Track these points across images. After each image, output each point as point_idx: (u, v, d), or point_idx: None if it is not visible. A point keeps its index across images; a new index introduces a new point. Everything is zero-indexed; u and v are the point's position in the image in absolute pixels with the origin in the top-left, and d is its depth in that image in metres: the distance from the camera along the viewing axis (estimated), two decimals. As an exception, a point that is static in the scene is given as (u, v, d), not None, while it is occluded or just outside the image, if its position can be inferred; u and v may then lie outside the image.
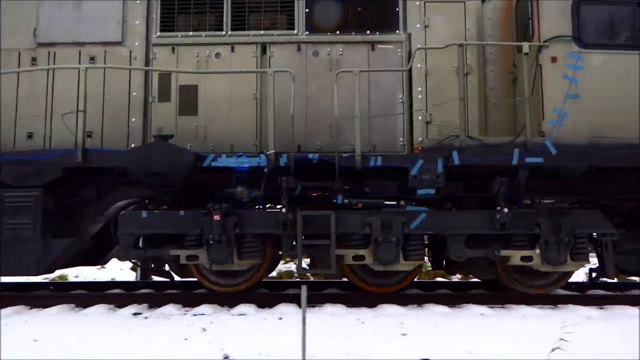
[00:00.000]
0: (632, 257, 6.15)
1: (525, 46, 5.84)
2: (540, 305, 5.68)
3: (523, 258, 5.88)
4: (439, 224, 5.97)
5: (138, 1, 6.45)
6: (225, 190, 6.02)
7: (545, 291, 6.29)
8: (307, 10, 6.43)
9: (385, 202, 6.11)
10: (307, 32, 6.40)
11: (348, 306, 5.71)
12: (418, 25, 6.38)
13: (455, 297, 6.49)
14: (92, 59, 6.37)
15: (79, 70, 6.09)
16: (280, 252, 6.45)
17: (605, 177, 6.08)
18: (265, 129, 6.11)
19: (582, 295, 6.44)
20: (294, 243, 5.85)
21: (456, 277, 8.89)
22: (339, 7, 6.43)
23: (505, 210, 5.74)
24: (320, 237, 5.84)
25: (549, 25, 5.95)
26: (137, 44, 6.43)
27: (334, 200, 5.99)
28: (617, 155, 5.74)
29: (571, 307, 5.67)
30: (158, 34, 6.41)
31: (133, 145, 6.14)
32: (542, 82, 5.92)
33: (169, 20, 6.43)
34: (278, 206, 6.03)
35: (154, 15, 6.43)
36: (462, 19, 6.38)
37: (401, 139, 6.17)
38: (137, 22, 6.44)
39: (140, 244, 6.10)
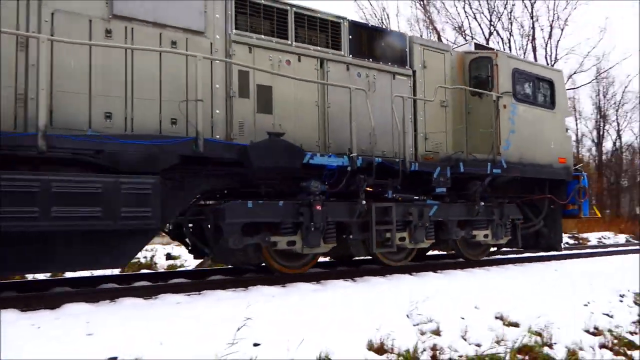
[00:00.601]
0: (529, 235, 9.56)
1: (494, 95, 8.46)
2: (232, 289, 5.98)
3: (484, 235, 8.51)
4: (443, 213, 8.03)
5: None
6: (301, 184, 6.69)
7: (485, 256, 9.18)
8: (350, 37, 7.57)
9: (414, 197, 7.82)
10: (350, 56, 7.56)
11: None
12: (419, 65, 8.31)
13: (151, 288, 5.92)
14: (174, 43, 6.09)
15: (160, 55, 5.84)
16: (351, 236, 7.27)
17: (518, 183, 9.30)
18: (323, 132, 7.19)
19: (268, 277, 6.66)
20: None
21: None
22: (370, 39, 7.82)
23: (482, 203, 8.37)
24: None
25: (502, 83, 8.70)
26: (217, 37, 6.43)
27: (385, 195, 7.42)
28: (530, 170, 8.99)
29: (260, 287, 5.98)
30: (235, 31, 6.55)
31: (218, 137, 6.25)
32: (500, 120, 8.50)
33: (243, 19, 6.61)
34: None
35: (230, 12, 6.51)
36: (442, 65, 8.61)
37: (411, 149, 7.85)
38: (217, 15, 6.44)
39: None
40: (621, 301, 6.82)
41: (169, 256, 11.24)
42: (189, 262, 10.48)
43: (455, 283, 6.65)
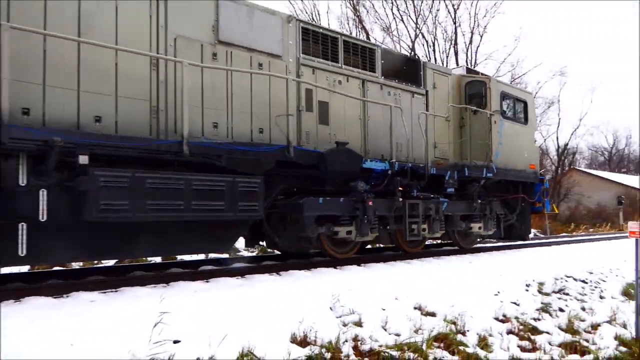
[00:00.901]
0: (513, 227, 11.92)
1: (488, 113, 10.31)
2: (153, 285, 5.68)
3: (479, 227, 10.45)
4: (451, 208, 9.77)
5: (290, 24, 7.64)
6: (350, 184, 8.02)
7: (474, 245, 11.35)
8: (382, 61, 9.00)
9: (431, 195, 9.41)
10: (382, 77, 8.96)
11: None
12: (431, 86, 9.82)
13: (62, 286, 5.53)
14: (260, 65, 7.19)
15: (251, 75, 7.01)
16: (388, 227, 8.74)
17: (499, 185, 11.26)
18: (364, 141, 8.54)
19: (192, 272, 6.65)
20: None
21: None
22: (395, 63, 9.49)
23: (479, 201, 10.35)
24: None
25: (494, 103, 10.51)
26: (290, 60, 7.62)
27: (412, 193, 8.98)
28: (512, 174, 11.10)
29: (182, 283, 5.78)
30: (302, 55, 7.75)
31: (291, 145, 7.27)
32: (491, 134, 10.34)
33: (307, 45, 7.82)
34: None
35: (298, 39, 7.69)
36: (446, 86, 10.26)
37: (418, 149, 9.36)
38: (290, 42, 7.60)
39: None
40: (527, 290, 7.36)
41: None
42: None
43: (378, 275, 6.85)
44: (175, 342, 3.90)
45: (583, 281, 8.57)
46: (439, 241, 12.52)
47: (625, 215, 31.77)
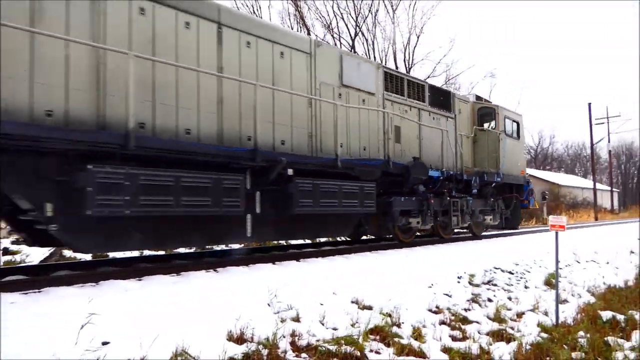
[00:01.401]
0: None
1: (497, 133, 13.73)
2: (80, 285, 5.38)
3: (490, 219, 13.77)
4: (474, 205, 12.96)
5: (379, 70, 10.43)
6: (413, 187, 10.81)
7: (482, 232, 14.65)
8: (429, 93, 11.84)
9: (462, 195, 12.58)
10: (429, 106, 11.82)
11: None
12: (457, 111, 12.93)
13: None
14: (363, 101, 9.85)
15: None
16: (438, 219, 11.77)
17: (500, 187, 14.43)
18: (420, 155, 11.33)
19: (123, 270, 6.32)
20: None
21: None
22: (435, 94, 12.15)
23: (492, 199, 13.88)
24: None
25: (500, 124, 13.83)
26: (379, 96, 10.30)
27: (452, 194, 12.01)
28: (511, 179, 14.38)
29: (112, 282, 5.52)
30: (384, 92, 10.46)
31: (390, 160, 10.17)
32: (499, 149, 13.67)
33: (387, 84, 10.56)
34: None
35: (382, 80, 10.40)
36: (466, 111, 13.47)
37: (451, 160, 12.43)
38: (379, 82, 10.32)
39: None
40: (459, 282, 7.67)
41: (5, 251, 9.91)
42: (33, 257, 9.38)
43: (317, 270, 6.88)
44: (104, 343, 3.73)
45: (510, 272, 9.05)
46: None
47: (548, 210, 33.90)
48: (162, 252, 8.94)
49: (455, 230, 13.50)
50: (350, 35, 27.05)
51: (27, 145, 5.19)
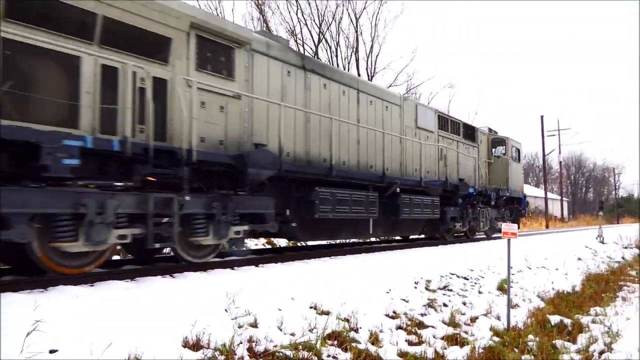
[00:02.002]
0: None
1: (507, 159, 17.80)
2: (28, 291, 5.00)
3: (500, 224, 13.60)
4: (492, 213, 16.97)
5: (435, 114, 13.98)
6: (455, 199, 14.44)
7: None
8: (462, 129, 15.47)
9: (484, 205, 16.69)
10: (463, 138, 15.42)
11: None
12: (479, 141, 16.70)
13: None
14: (427, 137, 13.28)
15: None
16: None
17: (507, 199, 18.44)
18: (458, 176, 14.78)
19: (75, 276, 5.76)
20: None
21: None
22: (466, 129, 15.73)
23: (503, 209, 18.10)
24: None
25: (508, 152, 17.96)
26: (435, 133, 13.80)
27: (480, 204, 16.20)
28: (515, 194, 18.63)
29: (62, 288, 5.13)
30: (438, 130, 13.97)
31: (447, 180, 14.10)
32: (508, 171, 17.81)
33: (439, 123, 14.06)
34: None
35: (437, 121, 13.97)
36: (484, 142, 17.47)
37: (475, 179, 15.97)
38: (435, 122, 13.86)
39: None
40: (416, 287, 7.82)
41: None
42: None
43: (276, 275, 6.85)
44: (52, 351, 3.59)
45: (465, 278, 9.29)
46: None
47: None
48: (116, 257, 8.68)
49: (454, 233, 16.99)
50: (313, 41, 27.20)
51: (282, 175, 8.29)
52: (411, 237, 15.32)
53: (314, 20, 26.97)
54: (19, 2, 5.20)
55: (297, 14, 26.66)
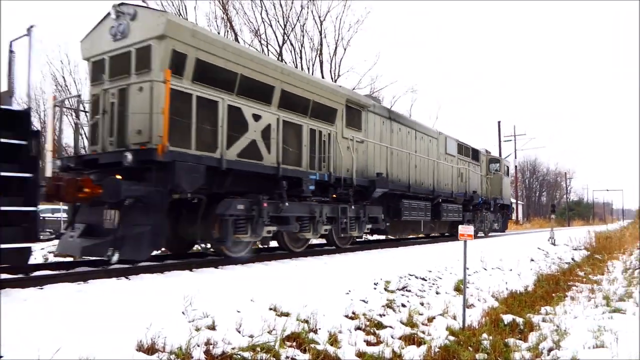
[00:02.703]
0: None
1: (501, 174, 22.97)
2: None
3: (496, 225, 23.35)
4: (491, 216, 22.39)
5: (456, 142, 18.65)
6: (469, 206, 19.57)
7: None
8: (471, 152, 20.08)
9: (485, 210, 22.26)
10: (472, 160, 20.10)
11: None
12: (481, 162, 21.28)
13: None
14: (451, 160, 17.79)
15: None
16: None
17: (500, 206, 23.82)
18: (468, 189, 19.24)
19: (22, 279, 6.01)
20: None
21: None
22: (473, 152, 20.29)
23: (498, 214, 23.49)
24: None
25: (502, 169, 23.07)
26: (455, 156, 18.31)
27: (483, 211, 21.52)
28: (506, 201, 24.39)
29: (8, 291, 4.97)
30: (457, 154, 18.57)
31: (467, 192, 19.18)
32: (502, 184, 23.08)
33: (458, 149, 18.69)
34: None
35: (457, 147, 18.66)
36: (484, 161, 21.90)
37: (480, 191, 20.72)
38: (456, 148, 18.46)
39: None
40: (375, 288, 7.91)
41: None
42: None
43: (235, 277, 6.78)
44: (-3, 357, 3.44)
45: (423, 279, 9.47)
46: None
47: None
48: (68, 259, 8.38)
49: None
50: (278, 42, 27.15)
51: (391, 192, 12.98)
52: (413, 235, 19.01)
53: (278, 22, 26.94)
54: (286, 99, 9.52)
55: (261, 15, 26.56)
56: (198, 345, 4.47)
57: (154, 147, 6.78)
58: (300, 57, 27.43)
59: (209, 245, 8.30)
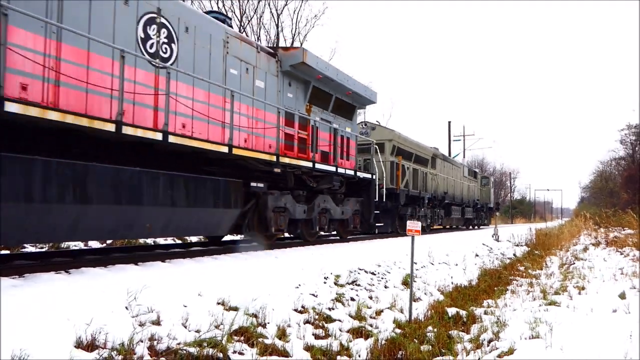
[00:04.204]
0: None
1: (489, 188, 38.17)
2: None
3: (485, 221, 38.33)
4: (483, 215, 37.41)
5: (467, 168, 32.55)
6: (474, 209, 34.53)
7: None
8: (473, 172, 33.70)
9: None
10: (472, 177, 32.74)
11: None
12: (478, 179, 34.73)
13: None
14: (466, 179, 30.63)
15: (478, 188, 35.34)
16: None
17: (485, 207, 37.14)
18: (470, 196, 31.77)
19: None
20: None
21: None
22: (474, 172, 34.16)
23: (486, 213, 39.38)
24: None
25: (489, 184, 38.20)
26: (466, 176, 30.79)
27: (479, 211, 35.78)
28: (493, 203, 39.93)
29: None
30: (467, 175, 31.41)
31: (474, 199, 33.64)
32: (491, 193, 38.70)
33: (467, 172, 31.70)
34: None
35: (466, 167, 31.74)
36: (478, 178, 34.95)
37: (479, 199, 34.47)
38: (467, 172, 31.79)
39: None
40: (325, 282, 7.97)
41: None
42: None
43: (183, 271, 6.64)
44: None
45: (372, 273, 9.63)
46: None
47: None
48: (5, 252, 7.94)
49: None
50: (233, 34, 26.71)
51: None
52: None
53: (234, 13, 26.50)
54: (418, 160, 21.32)
55: (217, 5, 26.04)
56: (142, 341, 4.35)
57: (394, 187, 17.75)
58: (256, 50, 27.15)
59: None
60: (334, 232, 14.05)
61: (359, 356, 5.83)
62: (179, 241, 12.98)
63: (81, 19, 6.42)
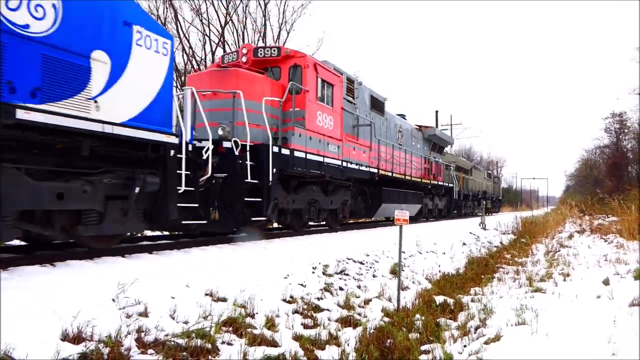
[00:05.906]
0: None
1: (500, 184, 62.05)
2: None
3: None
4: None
5: (486, 171, 50.91)
6: (490, 200, 47.96)
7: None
8: (488, 173, 48.67)
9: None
10: (488, 177, 46.09)
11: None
12: (491, 177, 48.83)
13: None
14: (487, 180, 45.75)
15: (492, 185, 48.85)
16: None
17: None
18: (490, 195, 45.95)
19: None
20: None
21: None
22: (488, 173, 49.46)
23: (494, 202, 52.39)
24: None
25: (497, 182, 56.15)
26: (486, 178, 45.95)
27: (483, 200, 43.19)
28: (498, 196, 55.60)
29: None
30: (487, 177, 47.02)
31: (488, 192, 46.80)
32: (498, 188, 55.75)
33: (487, 174, 48.36)
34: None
35: (487, 170, 55.50)
36: (492, 177, 50.72)
37: (493, 193, 49.47)
38: (486, 175, 47.92)
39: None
40: (313, 272, 7.99)
41: None
42: None
43: (171, 263, 6.61)
44: None
45: (361, 262, 9.67)
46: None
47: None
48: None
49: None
50: (220, 23, 26.42)
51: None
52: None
53: (220, 1, 26.18)
54: (462, 170, 34.64)
55: (202, -6, 25.66)
56: (129, 333, 4.32)
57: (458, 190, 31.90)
58: (243, 39, 26.87)
59: None
60: (350, 219, 18.34)
61: (348, 345, 5.86)
62: (166, 233, 12.88)
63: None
